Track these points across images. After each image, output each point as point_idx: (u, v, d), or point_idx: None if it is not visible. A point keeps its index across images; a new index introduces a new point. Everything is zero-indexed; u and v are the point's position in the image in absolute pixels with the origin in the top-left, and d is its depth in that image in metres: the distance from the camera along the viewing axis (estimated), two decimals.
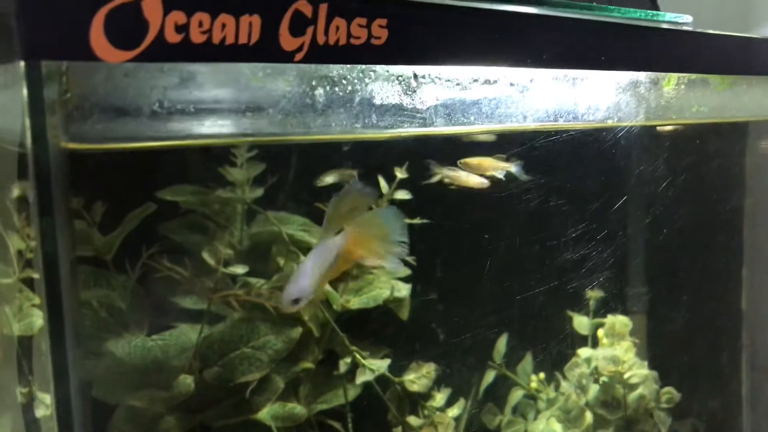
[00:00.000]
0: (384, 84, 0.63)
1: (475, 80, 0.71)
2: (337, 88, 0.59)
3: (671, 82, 0.88)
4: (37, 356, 0.66)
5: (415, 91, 0.68)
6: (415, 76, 0.63)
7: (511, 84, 0.73)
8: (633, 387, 1.01)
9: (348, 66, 0.59)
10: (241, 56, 0.49)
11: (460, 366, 0.95)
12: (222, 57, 0.49)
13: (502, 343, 0.99)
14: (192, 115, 0.52)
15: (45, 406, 0.61)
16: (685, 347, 1.16)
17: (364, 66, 0.60)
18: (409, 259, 0.88)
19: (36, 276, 0.52)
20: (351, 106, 0.61)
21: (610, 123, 0.88)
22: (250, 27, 0.49)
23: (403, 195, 0.87)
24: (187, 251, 0.75)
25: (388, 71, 0.62)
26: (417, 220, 0.86)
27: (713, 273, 1.21)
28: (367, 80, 0.61)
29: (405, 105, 0.66)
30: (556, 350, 1.04)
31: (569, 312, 1.06)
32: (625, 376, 1.00)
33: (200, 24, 0.47)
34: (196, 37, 0.47)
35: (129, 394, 0.72)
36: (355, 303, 0.87)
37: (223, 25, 0.48)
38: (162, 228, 0.75)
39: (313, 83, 0.58)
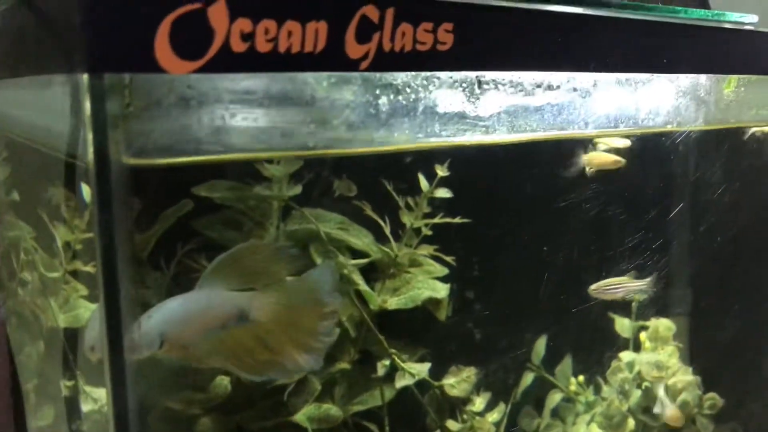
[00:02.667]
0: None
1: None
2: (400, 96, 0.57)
3: (731, 84, 0.85)
4: (83, 349, 0.64)
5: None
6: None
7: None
8: (676, 393, 0.99)
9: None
10: (306, 65, 0.47)
11: (497, 368, 0.93)
12: (288, 66, 0.46)
13: (541, 345, 0.97)
14: (252, 127, 0.50)
15: (93, 400, 0.59)
16: (728, 352, 1.14)
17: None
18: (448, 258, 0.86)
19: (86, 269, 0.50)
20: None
21: (667, 128, 0.86)
22: (316, 34, 0.46)
23: (444, 193, 0.85)
24: (223, 248, 0.73)
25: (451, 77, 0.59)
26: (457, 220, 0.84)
27: (758, 278, 1.19)
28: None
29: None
30: (596, 353, 1.03)
31: (611, 314, 1.04)
32: (669, 382, 0.98)
33: (266, 32, 0.44)
34: (262, 45, 0.44)
35: (165, 396, 0.71)
36: (393, 303, 0.85)
37: (290, 33, 0.45)
38: (198, 224, 0.73)
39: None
